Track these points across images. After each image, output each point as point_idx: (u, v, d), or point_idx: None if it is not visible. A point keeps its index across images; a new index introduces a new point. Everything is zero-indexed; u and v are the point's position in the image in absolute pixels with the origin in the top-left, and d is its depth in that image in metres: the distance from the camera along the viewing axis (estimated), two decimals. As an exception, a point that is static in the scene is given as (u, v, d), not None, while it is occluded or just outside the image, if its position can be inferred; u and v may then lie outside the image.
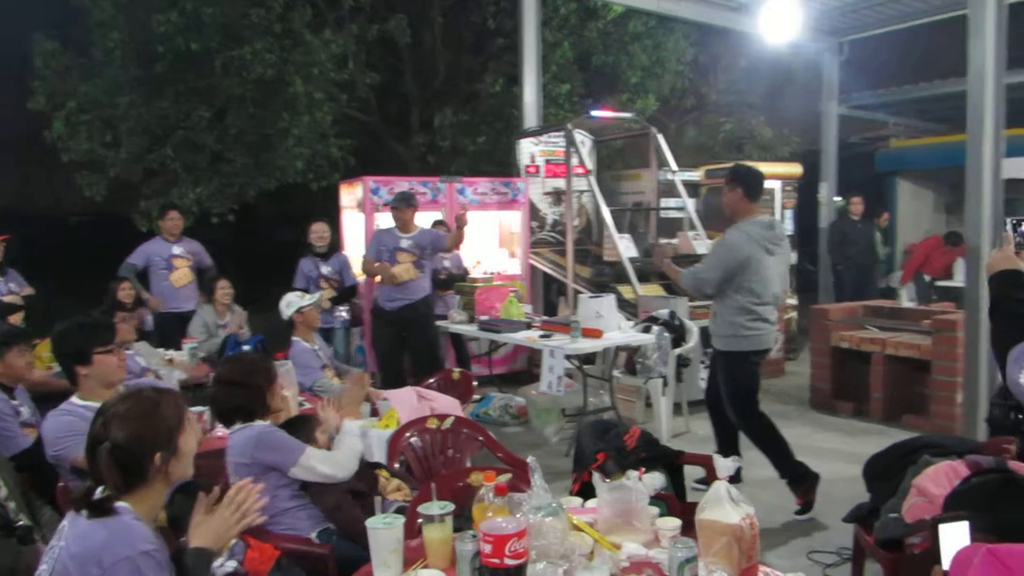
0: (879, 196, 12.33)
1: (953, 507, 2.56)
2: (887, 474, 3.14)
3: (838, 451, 5.66)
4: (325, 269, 6.78)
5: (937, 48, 11.15)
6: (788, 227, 9.04)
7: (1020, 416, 1.86)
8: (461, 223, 6.06)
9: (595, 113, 8.82)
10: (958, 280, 9.48)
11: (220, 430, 3.28)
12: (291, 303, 4.89)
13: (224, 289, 6.43)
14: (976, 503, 2.49)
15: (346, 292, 6.89)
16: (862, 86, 11.34)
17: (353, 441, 2.99)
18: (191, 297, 6.87)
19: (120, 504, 1.90)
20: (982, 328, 5.35)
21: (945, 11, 8.31)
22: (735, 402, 4.54)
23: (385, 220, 6.70)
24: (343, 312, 6.95)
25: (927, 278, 10.19)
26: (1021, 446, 1.94)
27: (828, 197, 10.04)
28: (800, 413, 6.77)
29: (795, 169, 10.65)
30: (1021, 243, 2.06)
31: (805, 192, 10.58)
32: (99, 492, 1.89)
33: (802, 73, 12.24)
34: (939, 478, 2.79)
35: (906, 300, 9.83)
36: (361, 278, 7.41)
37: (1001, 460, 2.78)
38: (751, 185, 4.51)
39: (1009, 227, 2.10)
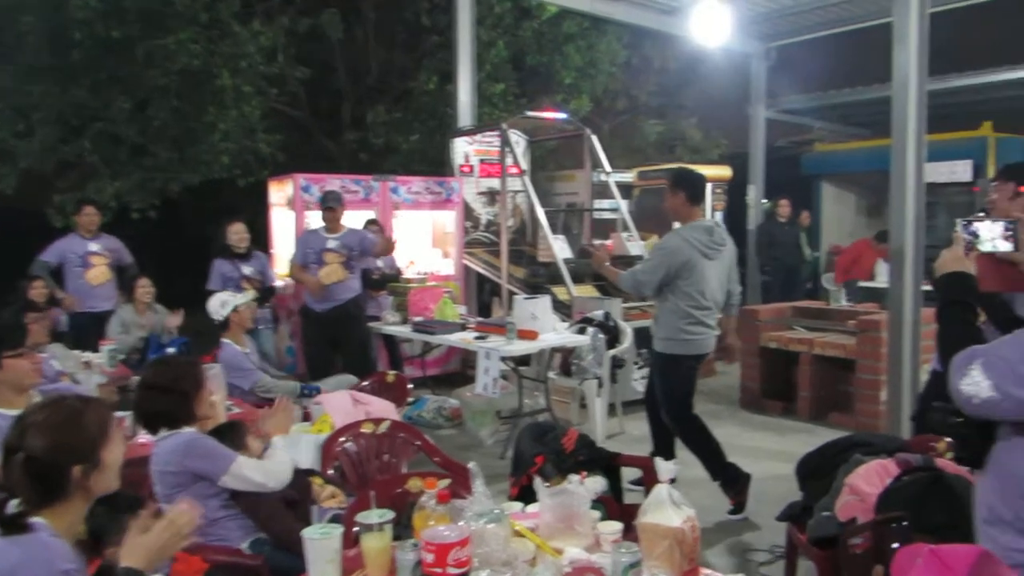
0: (805, 199, 12.67)
1: (885, 505, 2.63)
2: (819, 473, 3.21)
3: (768, 450, 5.78)
4: (247, 269, 6.63)
5: (862, 55, 11.52)
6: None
7: (959, 420, 1.90)
8: (387, 247, 6.11)
9: (530, 113, 8.84)
10: (881, 281, 9.82)
11: (143, 436, 3.16)
12: (226, 302, 4.75)
13: (144, 288, 6.23)
14: (907, 502, 2.57)
15: (266, 293, 6.73)
16: (789, 91, 11.65)
17: (285, 454, 2.92)
18: (109, 296, 6.64)
19: (36, 520, 1.80)
20: (905, 328, 5.53)
21: (870, 19, 8.59)
22: (670, 405, 4.59)
23: (316, 219, 6.59)
24: (267, 312, 6.79)
25: (859, 282, 10.53)
26: (959, 450, 1.98)
27: (756, 199, 10.29)
28: (731, 412, 6.91)
29: (724, 172, 10.90)
30: (971, 243, 2.07)
31: (734, 194, 10.83)
32: (12, 506, 1.79)
33: (731, 77, 12.49)
34: (870, 476, 2.86)
35: (843, 300, 10.14)
36: (283, 280, 7.28)
37: (929, 458, 2.87)
38: (694, 189, 4.57)
39: (960, 227, 2.12)
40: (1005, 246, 2.00)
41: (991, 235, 2.03)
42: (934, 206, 12.85)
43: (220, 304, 4.75)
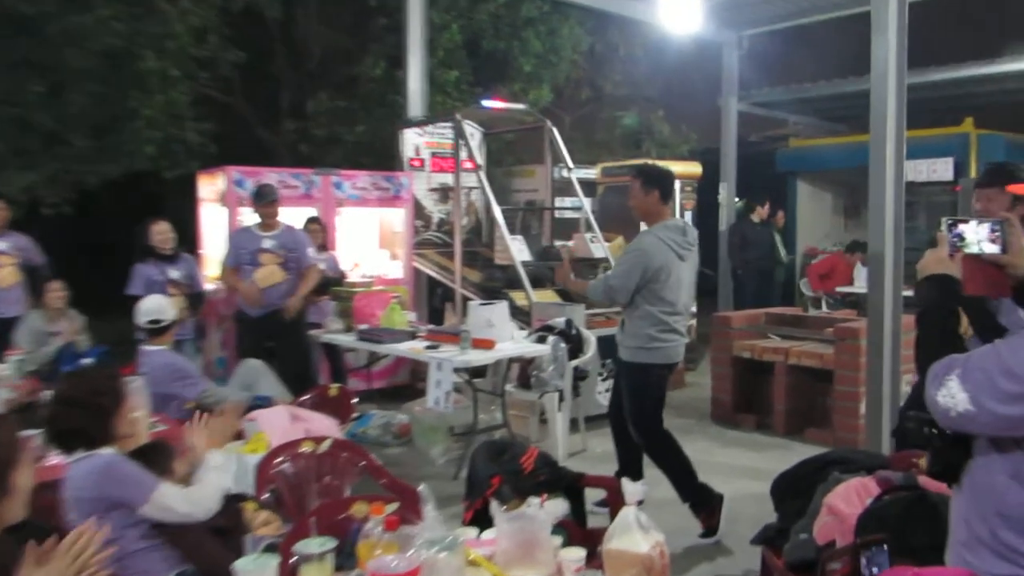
0: (780, 197, 12.86)
1: (865, 527, 2.67)
2: (796, 492, 3.25)
3: (742, 467, 5.84)
4: (173, 273, 6.51)
5: (840, 46, 11.73)
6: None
7: (934, 431, 1.93)
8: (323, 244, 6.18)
9: (486, 103, 8.84)
10: (859, 286, 10.00)
11: (55, 458, 3.07)
12: (163, 308, 4.64)
13: (56, 292, 6.09)
14: (889, 523, 2.61)
15: (195, 300, 6.61)
16: (763, 83, 11.82)
17: (217, 477, 2.86)
18: (17, 300, 6.48)
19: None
20: (885, 336, 5.63)
21: (848, 7, 8.73)
22: (639, 419, 4.60)
23: (251, 216, 6.51)
24: (188, 324, 6.64)
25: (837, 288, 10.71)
26: (933, 464, 2.01)
27: (728, 198, 10.39)
28: (701, 427, 6.97)
29: (694, 168, 11.00)
30: (956, 245, 2.10)
31: (705, 193, 10.95)
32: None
33: (702, 67, 12.63)
34: (850, 496, 2.90)
35: (824, 307, 10.31)
36: (213, 284, 7.17)
37: (911, 476, 2.92)
38: (666, 187, 4.59)
39: (944, 227, 2.14)
40: (992, 248, 2.03)
41: (977, 237, 2.06)
42: (914, 206, 13.20)
43: (159, 308, 4.64)
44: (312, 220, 7.16)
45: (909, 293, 9.49)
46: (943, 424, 1.86)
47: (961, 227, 2.08)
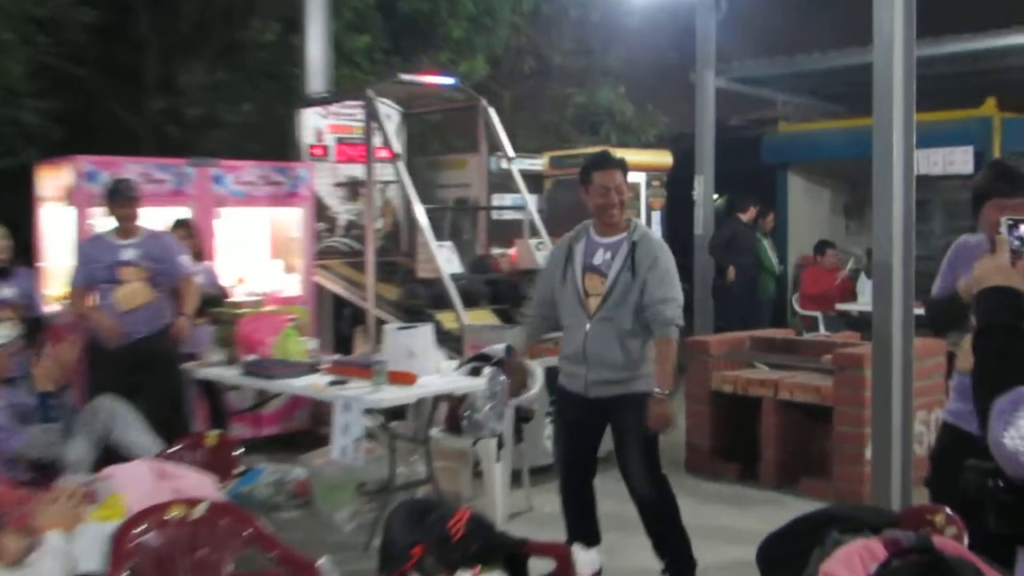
0: (768, 194, 13.05)
1: (870, 600, 2.70)
2: (788, 559, 3.28)
3: (722, 528, 5.90)
4: (5, 292, 6.37)
5: (837, 10, 12.00)
6: (657, 232, 9.41)
7: (1000, 484, 1.94)
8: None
9: (405, 77, 8.84)
10: (863, 302, 10.21)
11: None
12: None
13: None
14: (898, 594, 2.65)
15: (33, 326, 6.47)
16: (746, 53, 12.02)
17: (54, 563, 2.79)
18: None
19: None
20: (894, 364, 5.74)
21: (845, -36, 8.95)
22: (651, 463, 4.73)
23: (106, 219, 6.41)
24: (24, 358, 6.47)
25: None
26: (996, 522, 2.02)
27: (705, 195, 10.53)
28: (674, 478, 6.91)
29: (663, 158, 11.16)
30: (1019, 250, 2.11)
31: (676, 188, 11.09)
32: None
33: (671, 34, 12.80)
34: (852, 562, 2.94)
35: (822, 329, 10.49)
36: (55, 306, 7.04)
37: (924, 536, 2.97)
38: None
39: (1004, 228, 2.14)
40: None
41: None
42: (928, 205, 13.52)
43: None
44: (180, 224, 7.07)
45: (922, 311, 9.72)
46: (1012, 472, 1.87)
47: None
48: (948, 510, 3.16)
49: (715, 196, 10.90)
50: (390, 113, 9.14)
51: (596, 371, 4.66)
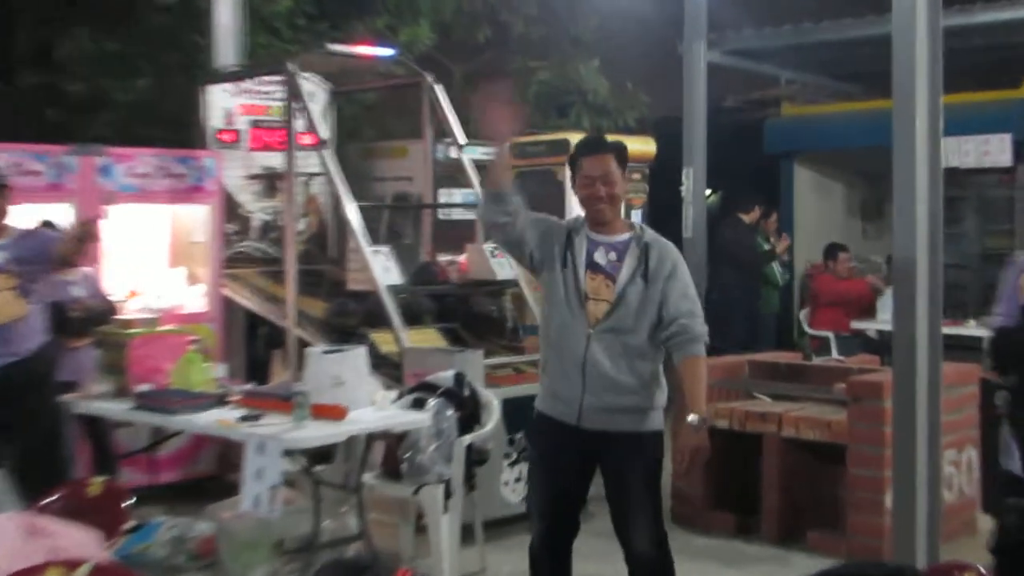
0: (770, 189, 13.14)
1: None
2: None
3: (715, 591, 5.94)
4: None
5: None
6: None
7: None
8: (87, 234, 5.89)
9: (335, 47, 8.82)
10: (882, 319, 10.31)
11: None
12: None
13: None
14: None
15: None
16: (744, 22, 12.09)
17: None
18: None
19: None
20: (919, 393, 5.78)
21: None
22: (658, 520, 4.72)
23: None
24: None
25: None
26: None
27: (696, 190, 10.57)
28: (657, 531, 7.03)
29: (646, 146, 11.18)
30: None
31: (660, 182, 11.12)
32: None
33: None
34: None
35: (835, 352, 10.56)
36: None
37: (954, 602, 3.02)
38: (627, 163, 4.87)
39: None
40: None
41: None
42: (960, 203, 13.68)
43: None
44: (47, 224, 6.97)
45: (956, 330, 9.81)
46: None
47: None
48: (982, 567, 3.19)
49: (707, 192, 10.93)
50: (315, 91, 9.11)
51: (596, 395, 4.56)
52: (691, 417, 4.50)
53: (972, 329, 10.23)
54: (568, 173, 9.93)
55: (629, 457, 4.64)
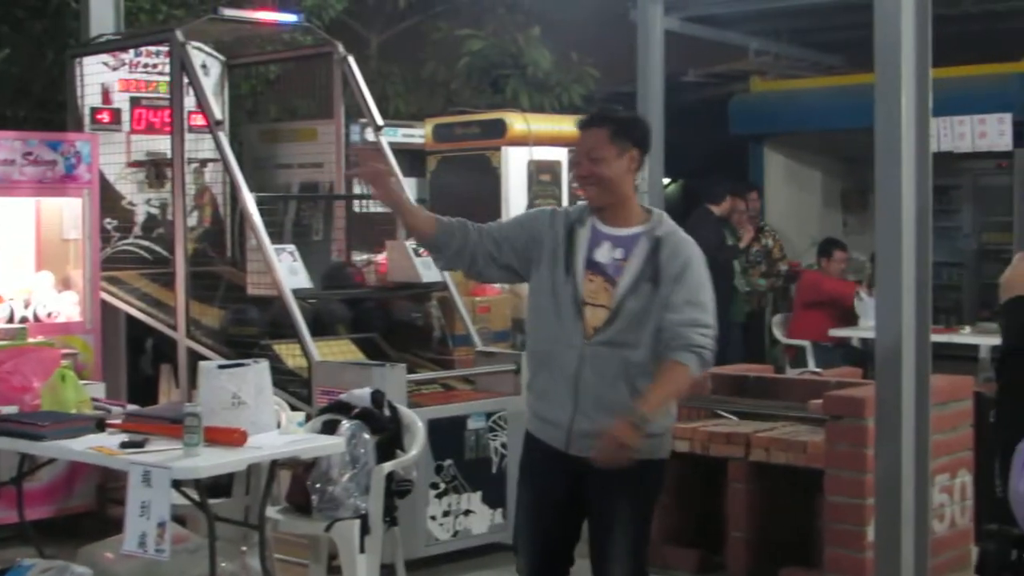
0: (737, 175, 13.22)
1: None
2: None
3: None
4: None
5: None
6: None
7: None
8: None
9: (228, 12, 8.78)
10: (864, 326, 10.43)
11: None
12: None
13: None
14: None
15: None
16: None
17: None
18: None
19: None
20: (905, 409, 5.86)
21: None
22: (639, 564, 4.71)
23: None
24: None
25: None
26: None
27: (652, 178, 10.65)
28: (609, 572, 7.08)
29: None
30: None
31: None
32: None
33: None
34: None
35: (811, 364, 10.65)
36: None
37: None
38: (648, 142, 4.89)
39: None
40: None
41: None
42: (954, 192, 13.86)
43: None
44: None
45: (948, 338, 9.93)
46: None
47: None
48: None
49: (666, 181, 11.03)
50: (208, 64, 9.08)
51: (588, 417, 4.50)
52: (635, 410, 4.37)
53: (967, 336, 10.39)
54: (503, 158, 10.14)
55: (619, 488, 4.55)
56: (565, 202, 10.29)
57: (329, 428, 6.00)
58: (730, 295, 11.39)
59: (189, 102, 8.15)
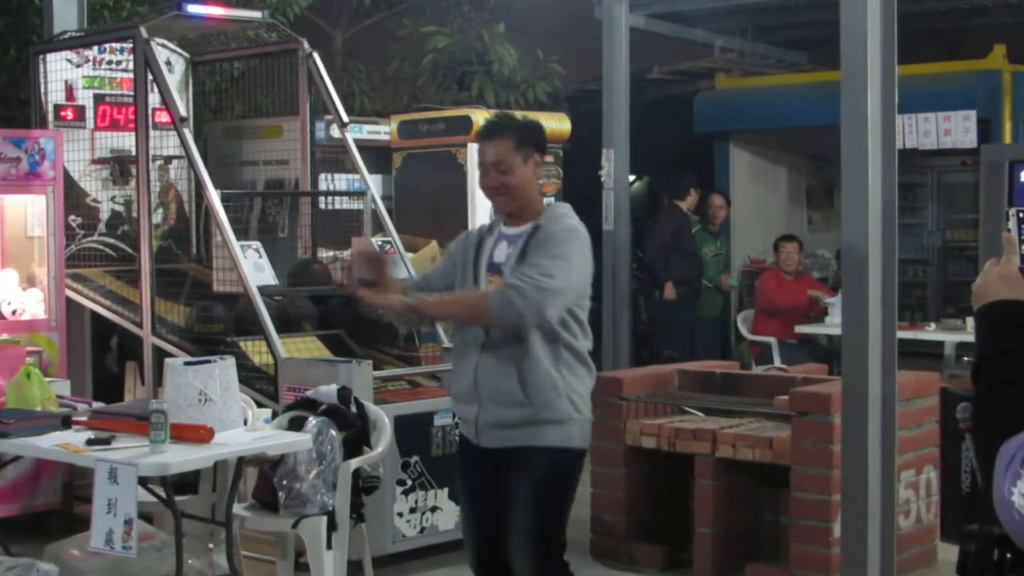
0: (702, 174, 13.26)
1: None
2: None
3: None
4: None
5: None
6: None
7: (1008, 556, 2.05)
8: None
9: (193, 8, 8.75)
10: (831, 323, 10.48)
11: None
12: None
13: None
14: None
15: None
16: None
17: None
18: None
19: None
20: (871, 406, 5.89)
21: None
22: (541, 551, 4.73)
23: None
24: None
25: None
26: None
27: (617, 175, 10.67)
28: (575, 567, 6.98)
29: (560, 124, 11.27)
30: None
31: (577, 166, 11.21)
32: None
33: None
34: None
35: (777, 360, 10.68)
36: None
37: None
38: (545, 148, 4.96)
39: (1013, 222, 2.24)
40: None
41: None
42: (919, 190, 13.95)
43: None
44: None
45: (914, 335, 9.99)
46: (1019, 537, 1.97)
47: None
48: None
49: (631, 178, 11.04)
50: (172, 60, 9.05)
51: (488, 409, 4.69)
52: (414, 295, 4.68)
53: (932, 333, 10.45)
54: (469, 155, 10.16)
55: (517, 474, 4.71)
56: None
57: (296, 425, 6.00)
58: (697, 293, 11.42)
59: (153, 99, 8.12)
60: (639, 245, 11.25)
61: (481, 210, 9.22)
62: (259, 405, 6.67)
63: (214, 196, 7.74)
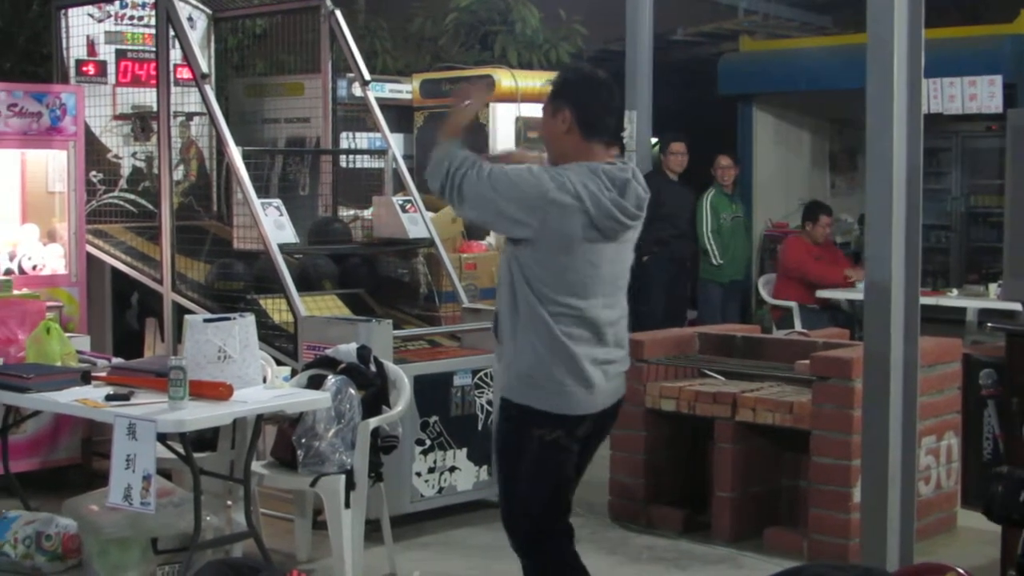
0: (725, 136, 13.20)
1: None
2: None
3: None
4: None
5: None
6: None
7: None
8: None
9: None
10: (852, 289, 10.43)
11: None
12: None
13: None
14: None
15: None
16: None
17: None
18: None
19: None
20: (893, 371, 5.85)
21: None
22: (518, 507, 4.68)
23: None
24: None
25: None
26: None
27: (640, 137, 10.64)
28: (593, 529, 7.07)
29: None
30: None
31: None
32: None
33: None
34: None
35: (798, 324, 10.64)
36: None
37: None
38: (589, 106, 4.64)
39: None
40: None
41: None
42: (943, 155, 13.88)
43: None
44: None
45: (937, 300, 9.95)
46: None
47: None
48: (960, 569, 3.28)
49: (654, 140, 11.00)
50: (194, 16, 9.02)
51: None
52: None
53: (954, 299, 10.41)
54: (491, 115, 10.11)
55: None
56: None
57: (315, 383, 6.01)
58: (689, 257, 11.32)
59: (175, 55, 8.10)
60: None
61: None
62: (278, 363, 6.67)
63: (235, 153, 7.74)
